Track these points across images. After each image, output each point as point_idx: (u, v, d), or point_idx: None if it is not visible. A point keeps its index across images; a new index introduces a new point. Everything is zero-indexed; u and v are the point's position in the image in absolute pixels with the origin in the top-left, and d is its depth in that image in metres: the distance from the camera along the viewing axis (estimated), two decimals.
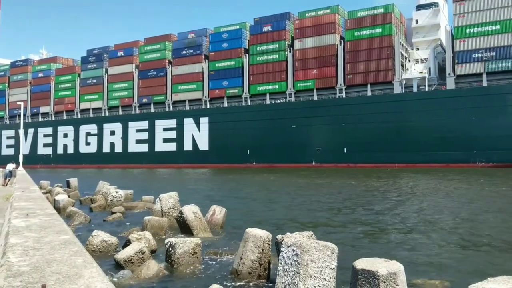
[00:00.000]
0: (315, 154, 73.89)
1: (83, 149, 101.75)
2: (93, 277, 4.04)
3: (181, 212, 14.41)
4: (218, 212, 16.20)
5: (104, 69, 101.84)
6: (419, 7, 76.79)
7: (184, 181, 49.47)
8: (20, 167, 45.71)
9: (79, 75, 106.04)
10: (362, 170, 61.63)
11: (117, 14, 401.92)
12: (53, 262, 4.61)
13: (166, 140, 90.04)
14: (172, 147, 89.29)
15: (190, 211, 14.24)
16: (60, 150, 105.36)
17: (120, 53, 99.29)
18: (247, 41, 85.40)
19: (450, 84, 66.59)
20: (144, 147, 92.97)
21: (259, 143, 77.63)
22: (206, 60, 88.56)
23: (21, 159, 49.99)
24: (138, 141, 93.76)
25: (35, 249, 5.30)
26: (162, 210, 16.76)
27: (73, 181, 32.27)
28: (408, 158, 65.19)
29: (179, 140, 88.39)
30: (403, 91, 69.87)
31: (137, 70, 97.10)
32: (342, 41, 75.82)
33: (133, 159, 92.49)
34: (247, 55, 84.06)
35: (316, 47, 76.65)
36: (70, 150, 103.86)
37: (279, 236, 9.12)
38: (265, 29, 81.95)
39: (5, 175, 28.22)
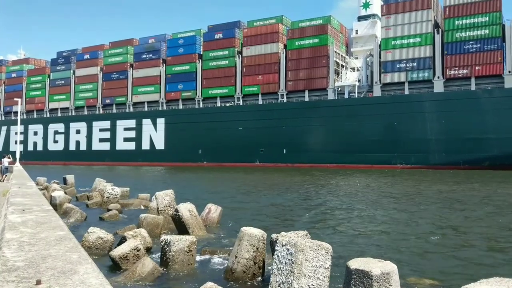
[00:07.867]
0: (259, 154, 79.41)
1: (51, 146, 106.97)
2: (88, 273, 4.06)
3: (176, 210, 14.41)
4: (213, 210, 16.51)
5: (71, 71, 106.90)
6: (360, 18, 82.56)
7: (166, 178, 52.80)
8: (17, 163, 46.27)
9: (49, 76, 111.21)
10: (302, 169, 66.84)
11: (93, 15, 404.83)
12: (48, 258, 4.61)
13: (126, 139, 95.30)
14: (131, 146, 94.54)
15: (186, 209, 14.25)
16: (30, 147, 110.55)
17: (87, 56, 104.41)
18: (201, 47, 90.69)
19: (377, 91, 72.05)
20: (106, 146, 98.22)
21: (210, 143, 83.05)
22: (164, 64, 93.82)
23: (18, 155, 51.88)
24: (101, 140, 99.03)
25: (31, 245, 5.31)
26: (158, 208, 16.78)
27: (70, 178, 32.44)
28: (339, 159, 70.77)
29: (138, 139, 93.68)
30: (336, 98, 75.40)
31: (101, 72, 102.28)
32: (284, 49, 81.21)
33: (97, 157, 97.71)
34: (200, 60, 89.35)
35: (262, 55, 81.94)
36: (40, 147, 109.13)
37: (274, 235, 9.22)
38: (217, 36, 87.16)
39: (2, 171, 28.59)
